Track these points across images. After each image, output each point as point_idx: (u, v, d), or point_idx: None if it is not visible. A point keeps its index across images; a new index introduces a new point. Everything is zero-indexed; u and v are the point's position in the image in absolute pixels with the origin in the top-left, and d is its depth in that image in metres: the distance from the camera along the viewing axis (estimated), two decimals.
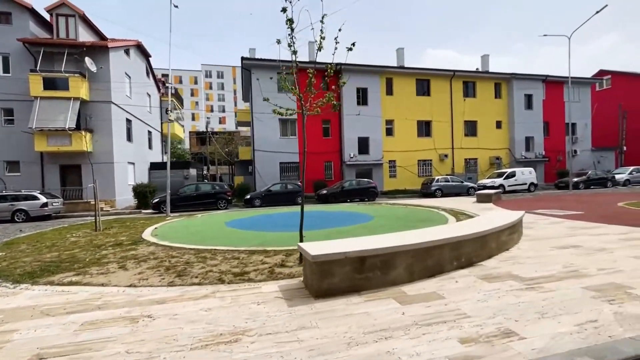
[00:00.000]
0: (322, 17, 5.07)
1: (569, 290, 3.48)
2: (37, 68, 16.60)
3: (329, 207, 15.44)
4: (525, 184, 22.24)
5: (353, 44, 5.13)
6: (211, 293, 3.84)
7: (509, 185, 21.78)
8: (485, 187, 21.70)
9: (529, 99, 26.80)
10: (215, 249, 6.26)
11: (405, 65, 25.19)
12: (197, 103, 69.89)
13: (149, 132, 25.42)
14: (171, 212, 16.10)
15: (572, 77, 27.56)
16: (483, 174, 25.48)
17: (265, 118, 21.91)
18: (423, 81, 25.21)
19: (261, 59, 22.03)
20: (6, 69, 17.23)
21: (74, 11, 18.03)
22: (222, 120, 70.69)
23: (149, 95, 25.66)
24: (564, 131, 27.77)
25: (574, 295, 3.33)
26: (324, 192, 19.10)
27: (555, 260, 4.69)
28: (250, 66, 21.79)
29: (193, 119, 66.82)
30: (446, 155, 25.08)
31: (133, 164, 21.66)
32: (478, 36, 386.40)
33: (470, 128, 26.43)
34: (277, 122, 22.25)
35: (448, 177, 21.69)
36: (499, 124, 26.82)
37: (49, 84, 16.72)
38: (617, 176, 24.66)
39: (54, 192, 17.37)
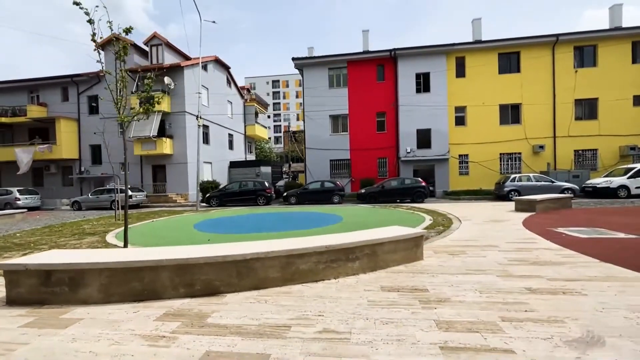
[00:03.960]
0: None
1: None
2: (134, 90, 21.30)
3: (324, 209, 14.10)
4: None
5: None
6: None
7: (637, 187, 15.13)
8: (595, 188, 15.80)
9: None
10: None
11: (484, 39, 20.44)
12: (287, 105, 76.53)
13: (230, 135, 29.04)
14: (217, 206, 18.11)
15: None
16: (606, 169, 18.42)
17: (315, 116, 21.89)
18: (509, 55, 19.97)
19: (310, 57, 21.97)
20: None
21: (160, 40, 22.29)
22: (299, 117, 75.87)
23: (230, 103, 29.27)
24: None
25: None
26: (362, 191, 17.65)
27: None
28: (301, 65, 22.06)
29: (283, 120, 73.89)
30: (542, 147, 19.19)
31: (210, 163, 25.20)
32: None
33: (586, 108, 19.41)
34: (327, 120, 21.81)
35: (531, 175, 16.61)
36: (638, 100, 18.74)
37: (142, 102, 21.16)
38: None
39: (147, 187, 22.13)
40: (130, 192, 18.74)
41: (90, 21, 5.32)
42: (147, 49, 22.97)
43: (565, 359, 2.10)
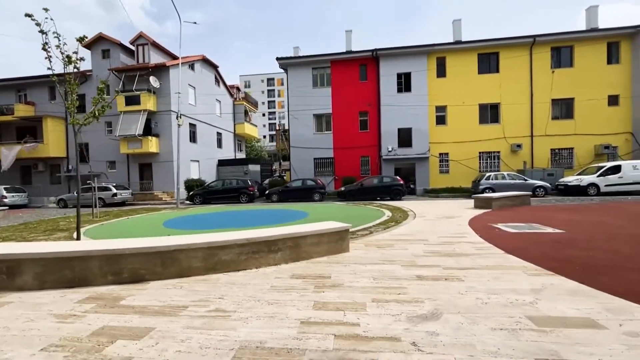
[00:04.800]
0: None
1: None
2: (119, 89, 21.57)
3: (299, 206, 14.48)
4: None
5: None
6: None
7: (607, 185, 15.62)
8: (567, 186, 16.28)
9: None
10: None
11: (463, 40, 20.82)
12: (282, 103, 76.73)
13: (219, 134, 29.36)
14: (201, 204, 18.50)
15: None
16: (582, 167, 18.87)
17: (300, 115, 22.25)
18: (489, 55, 20.37)
19: (295, 57, 22.31)
20: (107, 92, 22.99)
21: (146, 40, 22.56)
22: None
23: (219, 101, 29.57)
24: None
25: None
26: (343, 189, 18.06)
27: None
28: (286, 65, 22.39)
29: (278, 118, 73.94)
30: (519, 146, 19.64)
31: (197, 161, 25.53)
32: None
33: (563, 108, 19.86)
34: (312, 119, 22.18)
35: (505, 173, 17.07)
36: (613, 100, 19.17)
37: (128, 101, 21.49)
38: None
39: (134, 185, 22.48)
40: (114, 190, 19.15)
41: (42, 32, 5.65)
42: (133, 48, 23.22)
43: (394, 329, 2.51)
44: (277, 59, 22.14)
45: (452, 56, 20.55)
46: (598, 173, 15.88)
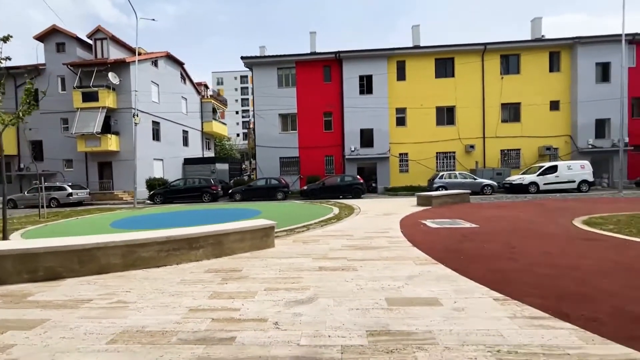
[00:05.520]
0: None
1: None
2: (75, 85, 20.77)
3: (257, 205, 14.83)
4: (574, 181, 17.01)
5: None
6: None
7: (545, 184, 17.05)
8: (511, 185, 17.57)
9: (603, 68, 19.99)
10: None
11: (422, 45, 21.84)
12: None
13: (185, 132, 28.86)
14: (162, 203, 18.26)
15: None
16: (528, 167, 20.38)
17: (265, 114, 22.40)
18: (445, 61, 21.49)
19: (259, 57, 22.42)
20: (63, 88, 22.05)
21: (105, 34, 21.81)
22: None
23: (185, 99, 29.04)
24: None
25: None
26: (305, 188, 18.48)
27: None
28: (251, 64, 22.45)
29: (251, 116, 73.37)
30: (472, 146, 20.92)
31: (161, 160, 25.02)
32: None
33: (511, 112, 21.35)
34: (277, 118, 22.40)
35: (457, 172, 18.17)
36: (555, 105, 20.86)
37: (86, 97, 20.71)
38: None
39: (93, 184, 21.74)
40: (69, 190, 18.49)
41: None
42: (91, 42, 22.36)
43: (268, 312, 2.90)
44: (242, 58, 22.14)
45: (411, 60, 21.49)
46: (538, 172, 17.30)
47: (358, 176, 18.54)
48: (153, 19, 16.98)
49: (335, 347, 2.27)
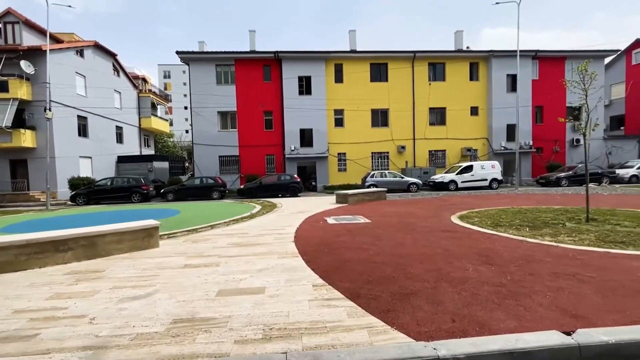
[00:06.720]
0: None
1: None
2: None
3: (181, 205, 14.70)
4: (486, 179, 19.07)
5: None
6: None
7: (462, 182, 18.90)
8: (434, 183, 19.17)
9: (512, 79, 22.59)
10: None
11: (358, 49, 22.88)
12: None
13: (119, 127, 27.07)
14: (85, 204, 17.07)
15: (578, 51, 22.79)
16: (451, 167, 22.39)
17: (203, 112, 21.88)
18: (379, 65, 22.72)
19: (196, 52, 21.84)
20: None
21: (17, 18, 19.68)
22: None
23: (119, 93, 27.21)
24: (564, 117, 22.96)
25: None
26: (242, 187, 18.47)
27: None
28: (187, 60, 21.75)
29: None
30: (404, 147, 22.45)
31: (90, 157, 23.26)
32: (552, 5, 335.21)
33: (438, 116, 23.26)
34: (216, 116, 22.00)
35: (386, 171, 19.45)
36: (474, 110, 23.14)
37: None
38: (620, 171, 19.82)
39: (4, 184, 19.58)
40: None
41: None
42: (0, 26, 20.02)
43: (98, 308, 3.08)
44: (177, 52, 21.36)
45: (348, 64, 22.39)
46: (457, 172, 19.12)
47: (295, 175, 18.96)
48: (69, 6, 15.64)
49: (130, 336, 2.54)
